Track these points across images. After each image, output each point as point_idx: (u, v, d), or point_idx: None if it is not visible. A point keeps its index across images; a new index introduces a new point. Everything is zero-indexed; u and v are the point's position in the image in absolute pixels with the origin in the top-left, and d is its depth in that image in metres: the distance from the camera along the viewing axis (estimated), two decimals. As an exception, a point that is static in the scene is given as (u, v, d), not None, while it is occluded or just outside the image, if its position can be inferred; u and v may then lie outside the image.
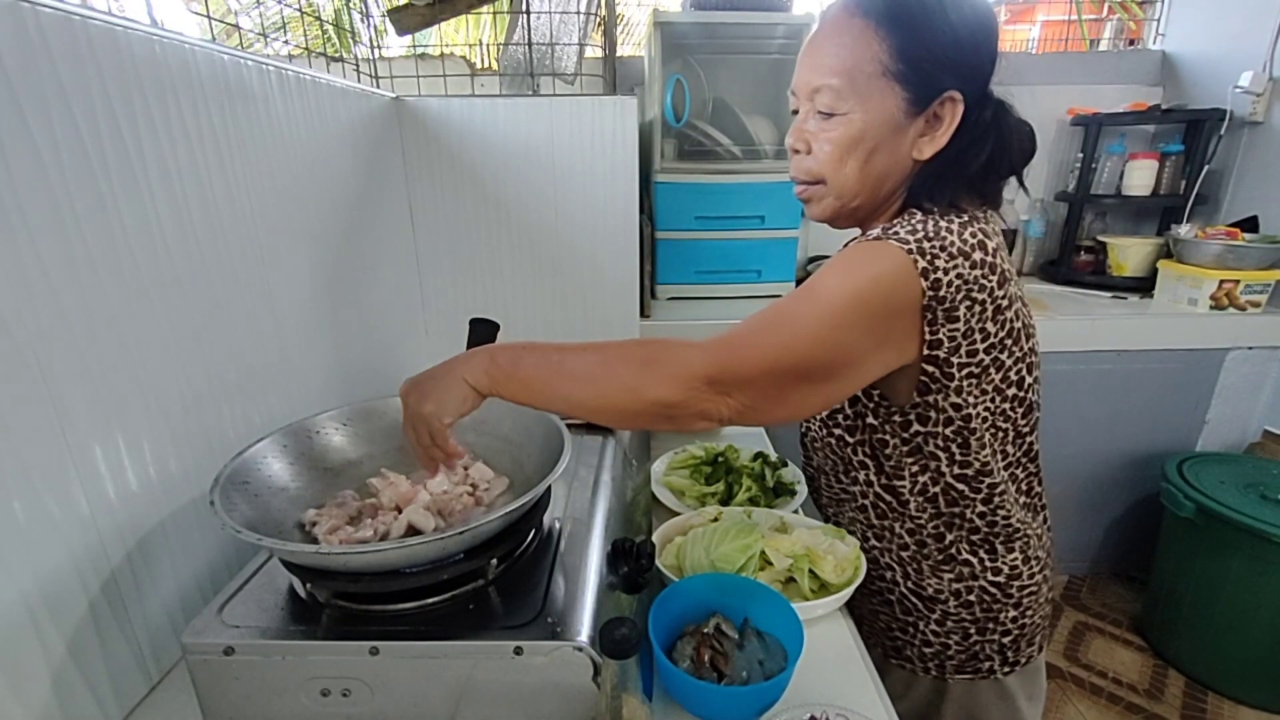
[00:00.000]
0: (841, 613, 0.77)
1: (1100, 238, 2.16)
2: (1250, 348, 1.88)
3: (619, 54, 1.88)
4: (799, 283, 1.95)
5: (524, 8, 1.45)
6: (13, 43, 0.50)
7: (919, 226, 0.63)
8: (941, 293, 0.60)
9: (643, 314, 1.63)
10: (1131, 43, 2.42)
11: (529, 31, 1.45)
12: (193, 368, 0.70)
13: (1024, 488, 0.77)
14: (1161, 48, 2.26)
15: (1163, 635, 1.86)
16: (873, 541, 0.81)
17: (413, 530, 0.62)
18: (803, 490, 1.00)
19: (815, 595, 0.75)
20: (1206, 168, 2.03)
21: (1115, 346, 1.82)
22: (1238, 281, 1.81)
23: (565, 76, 1.54)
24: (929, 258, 0.60)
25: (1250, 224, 1.95)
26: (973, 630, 0.78)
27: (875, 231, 0.65)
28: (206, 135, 0.72)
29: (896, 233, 0.62)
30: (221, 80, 0.75)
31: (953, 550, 0.76)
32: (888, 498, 0.76)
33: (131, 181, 0.62)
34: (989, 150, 0.66)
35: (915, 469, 0.73)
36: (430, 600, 0.56)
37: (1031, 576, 0.77)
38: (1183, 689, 1.76)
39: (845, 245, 0.67)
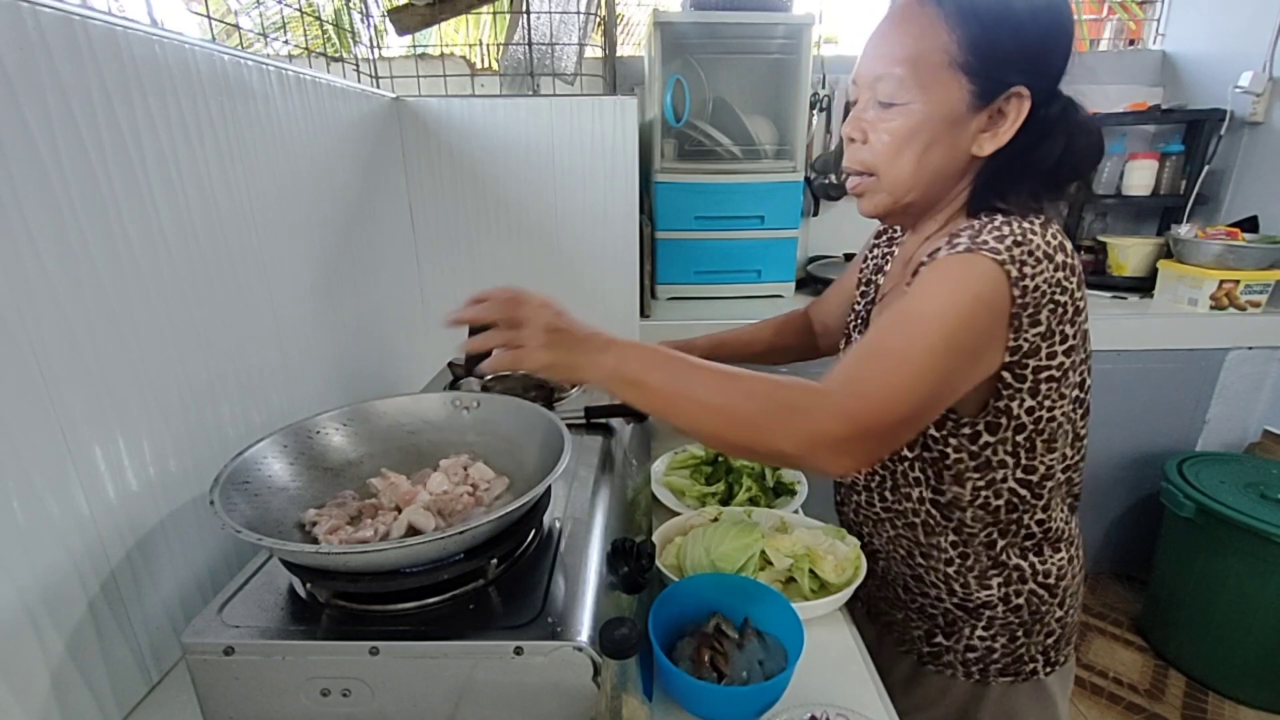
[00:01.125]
0: (842, 613, 0.77)
1: (1100, 237, 2.16)
2: (1250, 348, 1.88)
3: (619, 54, 1.88)
4: (799, 284, 1.96)
5: (524, 8, 1.45)
6: (12, 42, 0.50)
7: (1006, 231, 0.60)
8: (1027, 298, 0.59)
9: (643, 314, 1.63)
10: (1131, 43, 2.42)
11: (529, 31, 1.45)
12: (193, 367, 0.70)
13: (1072, 490, 0.77)
14: (1161, 48, 2.26)
15: (1163, 635, 1.86)
16: (918, 559, 0.78)
17: (413, 530, 0.62)
18: (803, 490, 1.00)
19: (815, 595, 0.75)
20: (1206, 168, 2.03)
21: (1115, 346, 1.82)
22: (1238, 281, 1.81)
23: (565, 76, 1.54)
24: (1019, 265, 0.58)
25: (1250, 224, 1.95)
26: (1020, 633, 0.76)
27: (963, 242, 0.60)
28: (206, 135, 0.72)
29: (985, 242, 0.59)
30: (221, 80, 0.75)
31: (1002, 556, 0.74)
32: (937, 514, 0.74)
33: (131, 181, 0.62)
34: (1056, 151, 0.64)
35: (980, 482, 0.70)
36: (430, 600, 0.56)
37: (1074, 576, 0.77)
38: (1183, 689, 1.76)
39: (932, 257, 0.62)
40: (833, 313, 1.02)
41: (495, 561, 0.58)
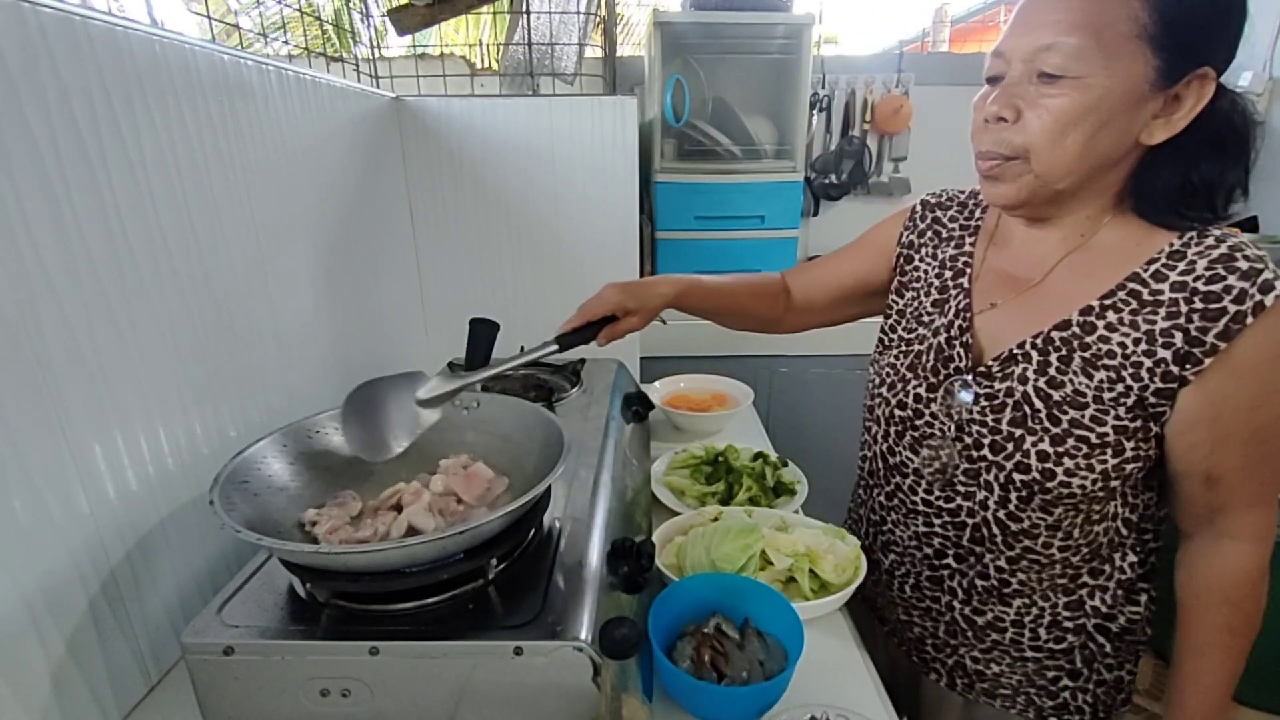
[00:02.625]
0: (842, 613, 0.77)
1: (1100, 238, 2.16)
2: (1250, 348, 1.88)
3: (619, 54, 1.88)
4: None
5: (524, 8, 1.45)
6: (13, 42, 0.50)
7: (1264, 255, 0.57)
8: None
9: (643, 314, 1.63)
10: (1131, 43, 2.42)
11: (529, 31, 1.45)
12: (192, 366, 0.70)
13: None
14: (1161, 48, 2.26)
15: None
16: (1085, 579, 0.71)
17: (412, 530, 0.62)
18: (803, 490, 0.99)
19: (815, 595, 0.75)
20: (1206, 168, 2.02)
21: (1115, 347, 1.82)
22: (1238, 281, 1.81)
23: (565, 76, 1.54)
24: None
25: (1250, 224, 1.95)
26: (1141, 650, 0.74)
27: (1274, 282, 0.56)
28: (206, 135, 0.72)
29: (1273, 283, 0.56)
30: (221, 80, 0.75)
31: (1151, 559, 0.72)
32: (1125, 530, 0.70)
33: (131, 181, 0.62)
34: (1248, 146, 0.60)
35: (1156, 494, 0.70)
36: (430, 600, 0.56)
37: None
38: (1183, 689, 1.75)
39: (1251, 309, 0.56)
40: (821, 291, 0.92)
41: (495, 561, 0.58)
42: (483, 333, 0.90)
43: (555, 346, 0.76)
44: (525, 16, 1.44)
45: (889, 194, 2.22)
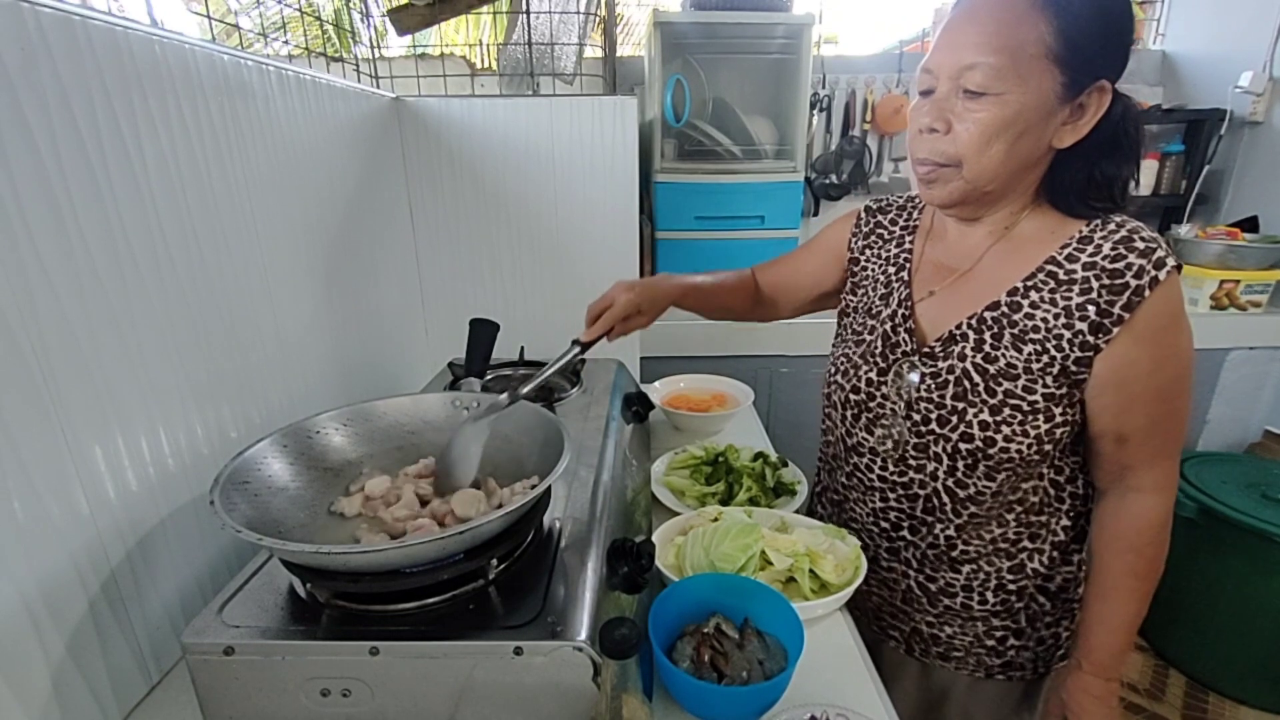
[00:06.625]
0: (842, 612, 0.77)
1: (1100, 238, 2.16)
2: (1251, 348, 1.88)
3: (619, 54, 1.88)
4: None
5: (524, 8, 1.45)
6: (13, 42, 0.50)
7: (1157, 237, 0.66)
8: None
9: (643, 314, 1.63)
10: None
11: (529, 31, 1.45)
12: (193, 367, 0.70)
13: None
14: (1161, 48, 2.26)
15: (1164, 635, 1.86)
16: (1025, 543, 0.77)
17: (461, 520, 0.62)
18: (803, 490, 0.99)
19: (815, 595, 0.75)
20: (1207, 168, 2.03)
21: (1115, 346, 1.82)
22: (1238, 281, 1.81)
23: (565, 76, 1.54)
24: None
25: (1250, 224, 1.95)
26: (1077, 608, 0.80)
27: (1165, 259, 0.64)
28: (206, 135, 0.72)
29: (1164, 260, 0.64)
30: (221, 80, 0.75)
31: (1082, 523, 0.79)
32: (1053, 492, 0.76)
33: (131, 181, 0.62)
34: (1138, 142, 0.68)
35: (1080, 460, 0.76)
36: (430, 600, 0.56)
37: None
38: (1184, 689, 1.75)
39: (1149, 283, 0.64)
40: (783, 292, 0.99)
41: (495, 561, 0.58)
42: (483, 333, 0.91)
43: (578, 350, 0.82)
44: (525, 16, 1.44)
45: (889, 194, 2.23)
